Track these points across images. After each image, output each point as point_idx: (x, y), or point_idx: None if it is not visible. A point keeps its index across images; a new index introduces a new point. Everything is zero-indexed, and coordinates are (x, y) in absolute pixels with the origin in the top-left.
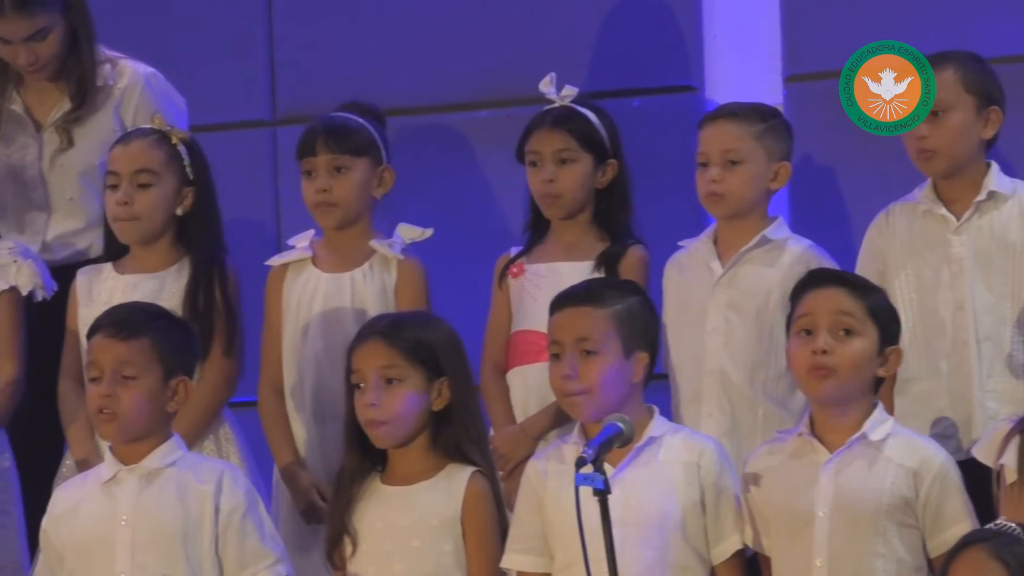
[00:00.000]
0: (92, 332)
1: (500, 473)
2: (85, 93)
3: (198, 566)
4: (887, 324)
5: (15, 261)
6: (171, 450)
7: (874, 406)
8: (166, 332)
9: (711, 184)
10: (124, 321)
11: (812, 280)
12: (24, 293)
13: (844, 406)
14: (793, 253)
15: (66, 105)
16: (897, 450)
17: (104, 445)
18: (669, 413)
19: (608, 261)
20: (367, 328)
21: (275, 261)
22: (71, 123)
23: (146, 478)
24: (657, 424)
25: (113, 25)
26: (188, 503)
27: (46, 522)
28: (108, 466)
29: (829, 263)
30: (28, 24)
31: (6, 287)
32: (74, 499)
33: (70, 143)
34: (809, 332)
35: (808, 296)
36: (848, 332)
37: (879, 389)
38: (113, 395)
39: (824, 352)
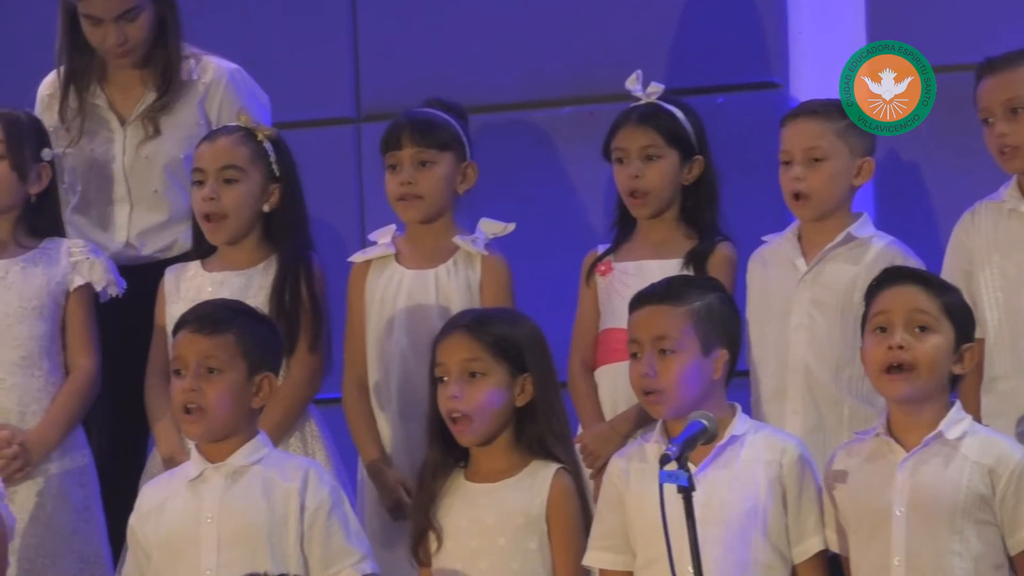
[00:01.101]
0: (177, 328)
1: (589, 471)
2: (170, 82)
3: (283, 563)
4: (963, 322)
5: (87, 259)
6: (257, 447)
7: (950, 404)
8: (250, 328)
9: (795, 182)
10: (209, 317)
11: (887, 278)
12: (98, 289)
13: (920, 404)
14: (876, 250)
15: (151, 97)
16: (974, 448)
17: (191, 442)
18: (749, 410)
19: (696, 259)
20: (452, 322)
21: (358, 258)
22: (157, 112)
23: (232, 476)
24: (739, 422)
25: (198, 23)
26: (274, 501)
27: (133, 519)
28: (194, 464)
29: (913, 260)
30: (120, 2)
31: (81, 283)
32: (161, 496)
33: (156, 131)
34: (884, 329)
35: (883, 294)
36: (924, 329)
37: (955, 387)
38: (198, 389)
39: (900, 348)
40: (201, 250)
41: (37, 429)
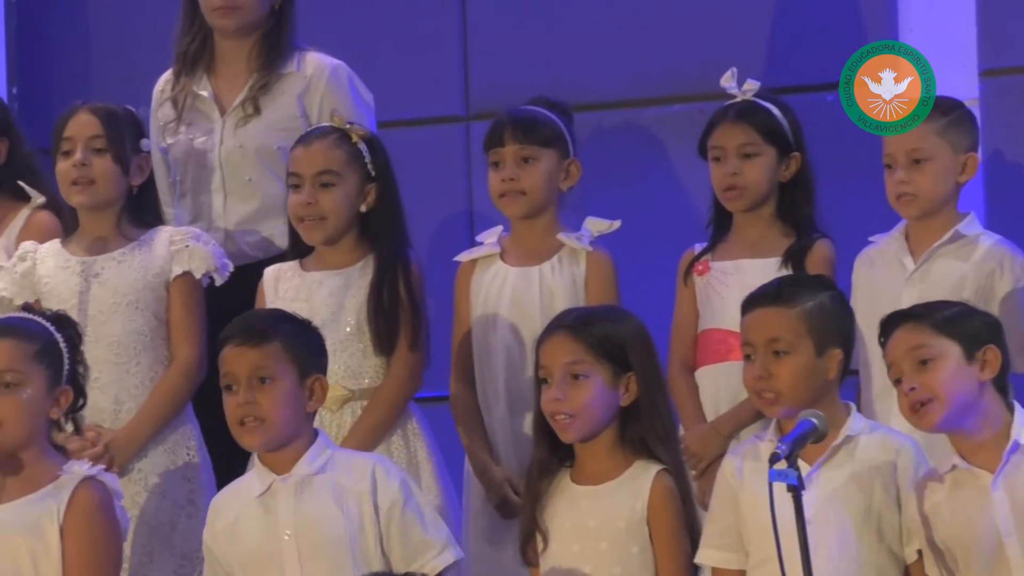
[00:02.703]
0: (221, 345)
1: (692, 472)
2: (274, 65)
3: (366, 567)
4: (966, 331)
5: (187, 246)
6: (319, 451)
7: (1010, 410)
8: (294, 333)
9: (900, 186)
10: (253, 328)
11: (886, 328)
12: (197, 276)
13: (971, 428)
14: (984, 248)
15: (253, 81)
16: None
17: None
18: (859, 409)
19: (794, 256)
20: (555, 322)
21: (464, 257)
22: (257, 93)
23: (300, 487)
24: (854, 422)
25: (309, 21)
26: (347, 508)
27: (207, 536)
28: (260, 477)
29: (1021, 259)
30: None
31: (180, 272)
32: (232, 514)
33: (256, 111)
34: (899, 381)
35: (888, 346)
36: (925, 362)
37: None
38: (252, 401)
39: (913, 389)
40: (298, 250)
41: (125, 428)
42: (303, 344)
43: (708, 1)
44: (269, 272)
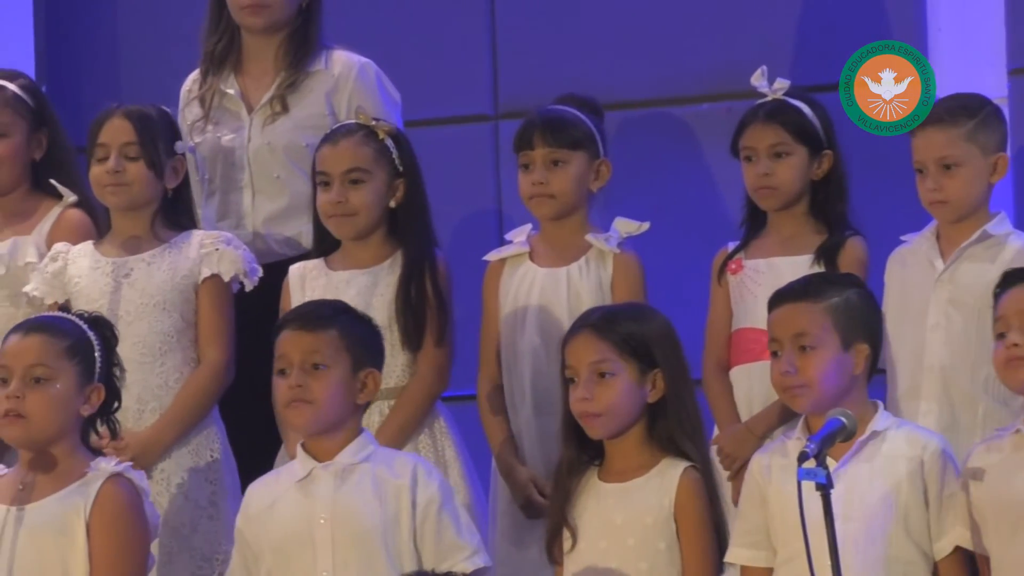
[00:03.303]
0: (279, 329)
1: (727, 472)
2: (302, 62)
3: (397, 561)
4: None
5: (217, 249)
6: (363, 445)
7: None
8: (352, 325)
9: (932, 194)
10: (311, 314)
11: (1006, 281)
12: (226, 280)
13: None
14: (1014, 249)
15: (281, 79)
16: None
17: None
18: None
19: (827, 254)
20: (580, 321)
21: (492, 256)
22: (286, 90)
23: (341, 475)
24: (881, 418)
25: (337, 20)
26: (385, 499)
27: (240, 520)
28: (301, 463)
29: None
30: None
31: (208, 275)
32: (269, 498)
33: (284, 109)
34: (1003, 335)
35: (1003, 297)
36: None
37: None
38: (304, 385)
39: (1016, 345)
40: (323, 248)
41: (150, 430)
42: (360, 336)
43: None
44: (294, 270)
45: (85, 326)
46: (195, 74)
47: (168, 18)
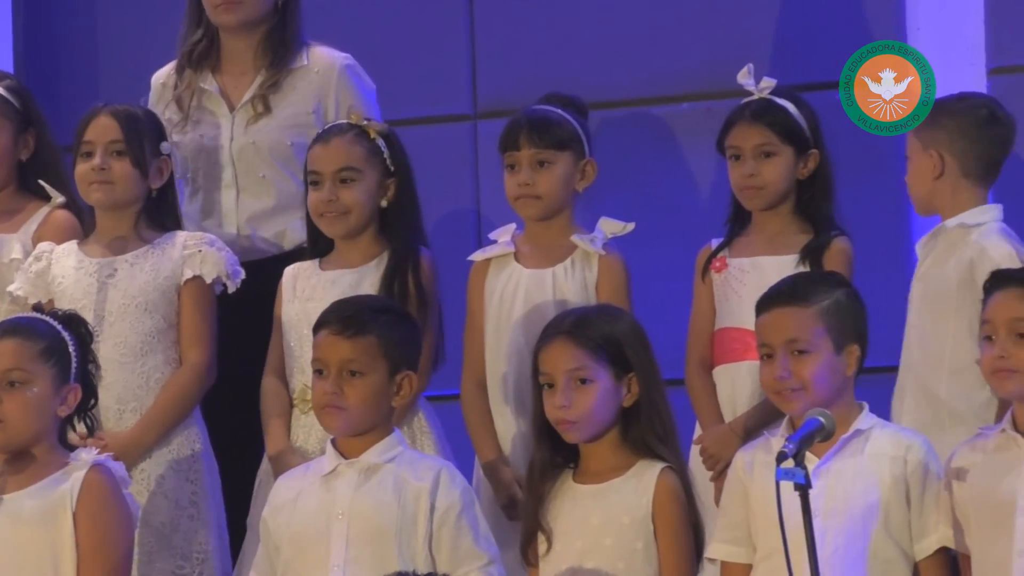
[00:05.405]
0: (318, 327)
1: (710, 473)
2: (283, 62)
3: (410, 562)
4: None
5: (199, 251)
6: (391, 445)
7: None
8: (391, 327)
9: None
10: (350, 319)
11: (994, 282)
12: (208, 282)
13: None
14: (969, 243)
15: (261, 80)
16: None
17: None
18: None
19: (812, 253)
20: (553, 327)
21: (478, 256)
22: (268, 91)
23: (365, 473)
24: (865, 418)
25: (316, 19)
26: (405, 500)
27: (266, 512)
28: (329, 459)
29: (1004, 247)
30: None
31: (191, 276)
32: (294, 490)
33: (267, 109)
34: (989, 338)
35: (990, 301)
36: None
37: None
38: (339, 392)
39: (1002, 357)
40: (317, 248)
41: (131, 431)
42: (398, 339)
43: None
44: (289, 271)
45: (59, 326)
46: (168, 69)
47: (147, 17)
